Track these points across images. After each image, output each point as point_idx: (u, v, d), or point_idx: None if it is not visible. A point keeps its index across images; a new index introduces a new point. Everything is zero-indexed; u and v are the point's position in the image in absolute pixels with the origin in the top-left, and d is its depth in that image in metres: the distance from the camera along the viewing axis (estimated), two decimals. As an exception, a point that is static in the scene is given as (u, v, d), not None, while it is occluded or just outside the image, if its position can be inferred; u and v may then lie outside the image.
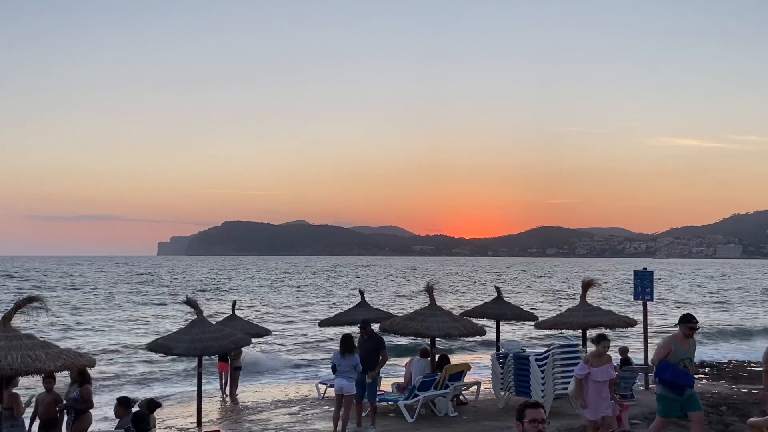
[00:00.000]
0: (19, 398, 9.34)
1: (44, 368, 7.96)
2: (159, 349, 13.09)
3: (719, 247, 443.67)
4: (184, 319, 27.87)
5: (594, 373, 9.42)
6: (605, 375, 9.51)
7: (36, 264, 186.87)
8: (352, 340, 11.25)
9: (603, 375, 9.47)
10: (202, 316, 13.35)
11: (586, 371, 9.44)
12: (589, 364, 9.50)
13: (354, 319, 16.07)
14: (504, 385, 13.40)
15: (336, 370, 11.16)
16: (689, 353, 9.01)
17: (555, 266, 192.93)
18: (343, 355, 11.02)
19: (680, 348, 8.92)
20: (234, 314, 16.99)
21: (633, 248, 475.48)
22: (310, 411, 13.97)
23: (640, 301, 15.64)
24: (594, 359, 9.53)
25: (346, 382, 11.00)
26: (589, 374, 9.44)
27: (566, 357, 12.53)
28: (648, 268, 15.90)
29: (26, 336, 8.29)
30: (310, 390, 16.99)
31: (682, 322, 9.02)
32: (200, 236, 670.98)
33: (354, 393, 11.18)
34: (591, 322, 14.30)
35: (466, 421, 12.32)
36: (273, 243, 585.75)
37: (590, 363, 9.51)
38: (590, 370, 9.43)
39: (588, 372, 9.44)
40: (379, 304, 32.56)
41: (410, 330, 13.38)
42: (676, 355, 8.88)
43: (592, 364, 9.49)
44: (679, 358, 8.88)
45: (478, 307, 17.33)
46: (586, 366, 9.49)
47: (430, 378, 12.80)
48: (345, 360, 11.01)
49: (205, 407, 13.94)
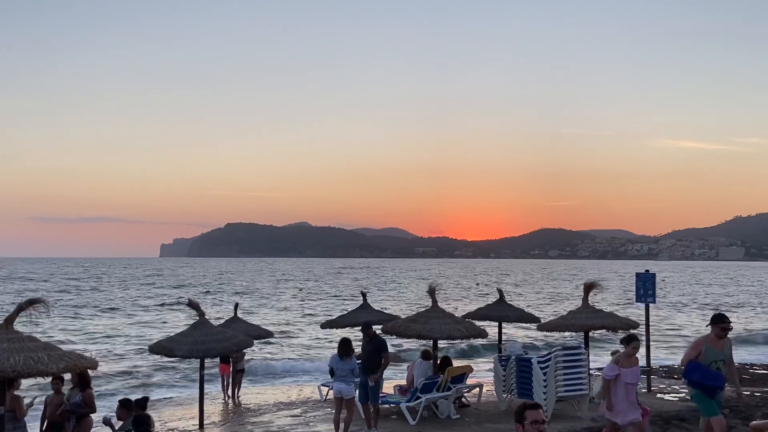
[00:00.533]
0: (21, 400, 9.34)
1: (47, 370, 7.93)
2: (161, 351, 13.10)
3: (722, 250, 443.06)
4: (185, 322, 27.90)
5: (624, 375, 9.00)
6: (635, 377, 9.15)
7: (42, 266, 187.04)
8: (350, 343, 11.24)
9: (633, 377, 9.10)
10: (204, 318, 13.36)
11: (615, 372, 8.99)
12: (620, 365, 9.04)
13: (356, 321, 16.06)
14: (506, 387, 13.39)
15: (333, 373, 11.12)
16: (722, 354, 8.69)
17: (557, 268, 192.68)
18: (342, 358, 11.01)
19: (712, 349, 8.64)
20: (236, 316, 17.00)
21: (635, 250, 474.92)
22: (312, 413, 13.97)
23: (642, 303, 15.63)
24: (624, 360, 9.08)
25: (345, 386, 11.00)
26: (619, 376, 8.99)
27: (569, 359, 12.52)
28: (650, 270, 15.89)
29: (29, 338, 8.28)
30: (312, 392, 17.00)
31: (714, 322, 8.69)
32: (203, 238, 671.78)
33: (353, 396, 11.17)
34: (593, 324, 14.28)
35: (468, 424, 12.31)
36: (275, 245, 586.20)
37: (620, 364, 9.05)
38: (620, 372, 8.99)
39: (618, 373, 8.99)
40: (381, 306, 32.57)
41: (412, 332, 13.36)
42: (708, 356, 8.62)
43: (622, 365, 9.03)
44: (711, 360, 8.61)
45: (480, 309, 17.31)
46: (616, 367, 9.02)
47: (433, 380, 12.79)
48: (343, 363, 11.00)
49: (207, 409, 13.95)
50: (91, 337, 32.45)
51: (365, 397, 11.32)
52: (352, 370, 11.07)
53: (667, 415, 12.74)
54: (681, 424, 12.11)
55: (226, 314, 23.31)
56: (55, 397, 10.07)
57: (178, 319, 39.61)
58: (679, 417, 12.62)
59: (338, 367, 11.02)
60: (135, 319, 42.02)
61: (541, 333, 22.58)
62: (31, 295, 9.05)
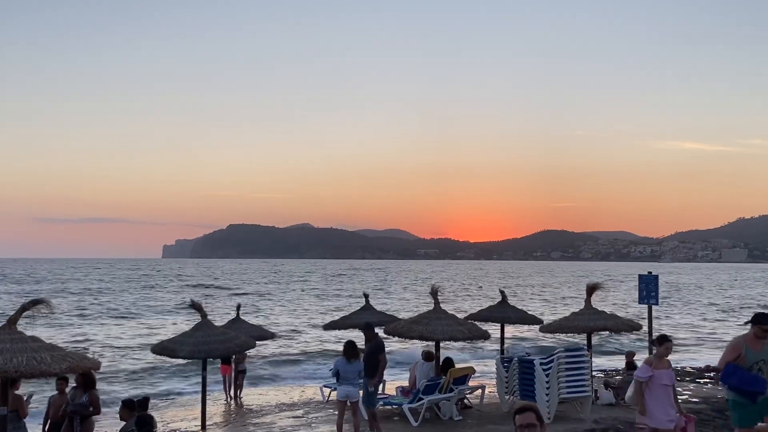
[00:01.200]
0: (23, 400, 9.34)
1: (50, 371, 7.94)
2: (163, 352, 13.12)
3: (725, 251, 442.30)
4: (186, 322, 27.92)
5: (659, 376, 8.54)
6: (671, 378, 8.67)
7: (50, 266, 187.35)
8: (356, 345, 11.20)
9: (669, 378, 8.63)
10: (207, 319, 13.37)
11: (649, 374, 8.53)
12: (653, 366, 8.58)
13: (358, 323, 16.07)
14: (509, 388, 13.37)
15: (339, 376, 10.95)
16: (763, 355, 8.02)
17: (560, 270, 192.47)
18: (349, 360, 10.89)
19: (752, 351, 8.00)
20: (238, 317, 17.02)
21: (638, 252, 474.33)
22: (314, 414, 13.97)
23: (645, 304, 15.62)
24: (657, 361, 8.64)
25: (353, 389, 10.89)
26: (653, 377, 8.53)
27: (571, 361, 12.50)
28: (653, 272, 15.88)
29: (32, 338, 8.29)
30: (314, 393, 17.00)
31: (755, 322, 7.98)
32: (205, 239, 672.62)
33: (358, 399, 11.10)
34: (596, 326, 14.27)
35: (470, 425, 12.30)
36: (277, 246, 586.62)
37: (653, 365, 8.59)
38: (654, 373, 8.52)
39: (651, 375, 8.52)
40: (383, 308, 32.53)
41: (414, 333, 13.36)
42: (748, 358, 7.97)
43: (655, 366, 8.57)
44: (752, 362, 7.97)
45: (482, 311, 17.30)
46: (650, 368, 8.56)
47: (435, 381, 12.79)
48: (350, 365, 10.88)
49: (209, 410, 13.96)
50: (94, 336, 32.48)
51: (368, 401, 11.29)
52: (359, 372, 10.99)
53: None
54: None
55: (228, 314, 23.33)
56: (59, 397, 10.07)
57: (179, 318, 39.62)
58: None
59: (345, 369, 10.85)
60: (139, 319, 42.05)
61: (542, 334, 22.55)
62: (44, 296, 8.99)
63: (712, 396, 15.34)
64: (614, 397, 14.13)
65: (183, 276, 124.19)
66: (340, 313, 34.38)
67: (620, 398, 14.11)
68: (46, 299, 8.64)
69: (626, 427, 11.82)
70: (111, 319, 42.30)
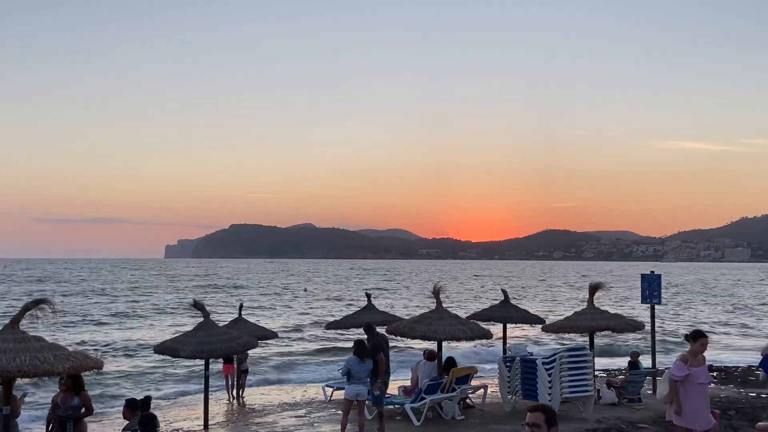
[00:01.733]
0: (17, 399, 9.30)
1: (53, 370, 7.94)
2: (166, 352, 13.14)
3: (727, 251, 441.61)
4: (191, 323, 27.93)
5: (695, 374, 8.13)
6: (707, 377, 8.28)
7: (52, 267, 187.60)
8: (365, 344, 11.20)
9: (705, 376, 8.24)
10: (209, 318, 13.38)
11: (685, 372, 8.11)
12: (688, 364, 8.17)
13: (361, 322, 16.07)
14: (511, 388, 13.37)
15: (351, 375, 10.91)
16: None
17: (562, 270, 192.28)
18: (361, 360, 10.86)
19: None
20: (241, 317, 17.04)
21: (640, 252, 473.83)
22: (316, 414, 13.98)
23: (648, 304, 15.61)
24: (692, 359, 8.22)
25: (363, 388, 10.88)
26: (689, 376, 8.13)
27: (574, 360, 12.50)
28: (655, 271, 15.87)
29: (35, 338, 8.29)
30: (316, 393, 17.00)
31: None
32: (207, 239, 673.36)
33: (365, 398, 11.11)
34: (598, 326, 14.26)
35: (473, 425, 12.30)
36: (279, 246, 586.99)
37: (689, 363, 8.18)
38: (690, 371, 8.13)
39: (687, 373, 8.12)
40: (385, 307, 32.51)
41: (417, 333, 13.36)
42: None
43: (691, 364, 8.17)
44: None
45: (484, 311, 17.29)
46: (685, 366, 8.14)
47: (437, 381, 12.79)
48: (363, 365, 10.86)
49: (211, 409, 13.96)
50: (97, 336, 32.52)
51: (377, 399, 11.30)
52: (370, 371, 10.99)
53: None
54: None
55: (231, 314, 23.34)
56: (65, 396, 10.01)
57: (182, 317, 39.62)
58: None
59: (357, 368, 10.82)
60: (143, 319, 42.10)
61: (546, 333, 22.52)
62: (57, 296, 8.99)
63: (715, 396, 15.33)
64: (617, 396, 14.12)
65: (199, 276, 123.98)
66: (342, 312, 34.41)
67: (623, 398, 14.12)
68: (48, 299, 8.64)
69: (628, 427, 11.82)
70: (114, 318, 42.33)
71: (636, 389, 14.31)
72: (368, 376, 10.95)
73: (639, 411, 13.30)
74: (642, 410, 13.37)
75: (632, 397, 14.17)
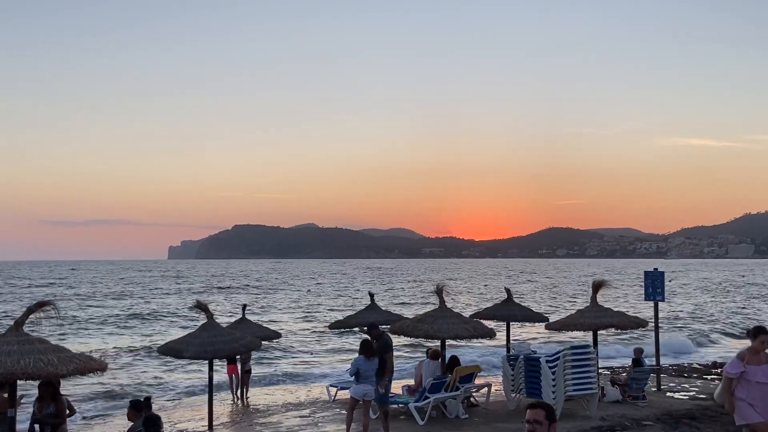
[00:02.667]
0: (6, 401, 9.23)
1: (57, 372, 7.97)
2: (170, 353, 13.15)
3: (731, 247, 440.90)
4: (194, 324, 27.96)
5: (752, 372, 7.81)
6: (766, 374, 7.86)
7: (56, 269, 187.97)
8: (372, 344, 11.20)
9: (764, 375, 7.84)
10: (213, 319, 13.40)
11: (740, 369, 7.84)
12: (745, 361, 7.87)
13: (364, 322, 16.07)
14: (515, 386, 13.37)
15: (359, 375, 10.90)
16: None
17: (565, 267, 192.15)
18: (369, 359, 10.86)
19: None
20: (244, 317, 17.04)
21: (644, 249, 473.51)
22: (320, 414, 13.99)
23: (651, 301, 15.59)
24: (751, 356, 7.88)
25: (371, 387, 10.88)
26: (745, 373, 7.84)
27: (577, 358, 12.49)
28: (659, 268, 15.84)
29: (38, 340, 8.32)
30: (320, 393, 17.02)
31: None
32: (210, 240, 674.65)
33: (372, 398, 11.11)
34: (602, 323, 14.24)
35: (477, 423, 12.29)
36: (282, 246, 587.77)
37: (746, 360, 7.88)
38: (746, 369, 7.84)
39: (743, 370, 7.84)
40: (389, 307, 32.55)
41: (420, 332, 13.36)
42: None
43: (748, 361, 7.86)
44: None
45: (488, 309, 17.28)
46: (741, 363, 7.85)
47: (441, 380, 12.79)
48: (370, 364, 10.85)
49: (216, 410, 13.99)
50: (102, 338, 32.60)
51: (382, 399, 11.30)
52: (377, 370, 10.97)
53: (677, 414, 12.70)
54: (691, 423, 12.07)
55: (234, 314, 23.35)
56: None
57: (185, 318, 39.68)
58: (689, 416, 12.58)
59: (365, 368, 10.80)
60: (147, 320, 42.17)
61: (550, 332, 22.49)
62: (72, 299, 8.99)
63: (720, 392, 15.30)
64: (621, 394, 14.10)
65: (216, 277, 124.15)
66: (345, 312, 34.42)
67: (627, 395, 14.10)
68: (52, 301, 8.67)
69: (633, 425, 11.81)
70: (121, 320, 42.41)
71: (640, 386, 14.28)
72: (374, 376, 10.94)
73: (643, 408, 13.28)
74: (646, 407, 13.35)
75: (636, 394, 14.14)
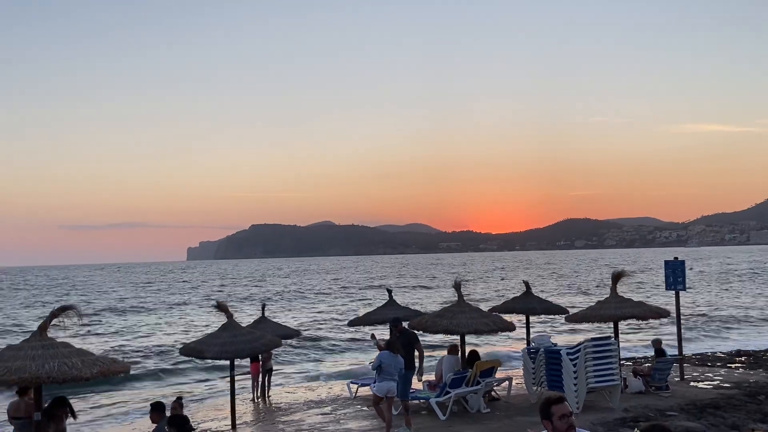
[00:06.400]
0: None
1: (81, 376, 8.08)
2: (191, 353, 13.24)
3: (753, 234, 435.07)
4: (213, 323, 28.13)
5: None
6: None
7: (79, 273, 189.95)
8: (397, 341, 11.23)
9: None
10: (233, 319, 13.48)
11: None
12: None
13: (383, 318, 16.08)
14: (536, 379, 13.33)
15: (381, 370, 10.88)
16: None
17: (584, 258, 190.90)
18: (395, 354, 10.88)
19: None
20: (264, 316, 17.13)
21: (663, 237, 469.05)
22: (342, 411, 14.03)
23: (672, 290, 15.45)
24: None
25: (394, 384, 10.90)
26: None
27: (599, 350, 12.41)
28: (680, 257, 15.69)
29: (62, 344, 8.43)
30: (341, 390, 17.07)
31: None
32: (228, 240, 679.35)
33: (395, 394, 11.14)
34: (622, 314, 14.13)
35: (498, 417, 12.27)
36: (300, 244, 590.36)
37: None
38: None
39: None
40: (407, 302, 32.54)
41: (439, 327, 13.35)
42: None
43: None
44: None
45: (506, 303, 17.22)
46: None
47: (461, 375, 12.77)
48: (394, 360, 10.84)
49: (238, 409, 14.08)
50: (125, 341, 32.94)
51: (404, 394, 11.32)
52: (401, 367, 10.97)
53: (701, 404, 12.59)
54: (716, 412, 11.95)
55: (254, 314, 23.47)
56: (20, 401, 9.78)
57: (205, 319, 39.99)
58: (713, 405, 12.46)
59: (389, 362, 10.76)
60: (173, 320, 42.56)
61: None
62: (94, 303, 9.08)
63: (744, 381, 15.14)
64: (644, 385, 14.00)
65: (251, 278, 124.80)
66: (364, 309, 34.46)
67: (650, 386, 14.00)
68: (75, 305, 8.77)
69: (657, 415, 11.72)
70: (143, 317, 42.82)
71: (663, 377, 14.17)
72: (398, 372, 10.94)
73: (667, 399, 13.18)
74: (670, 398, 13.25)
75: (659, 384, 14.03)
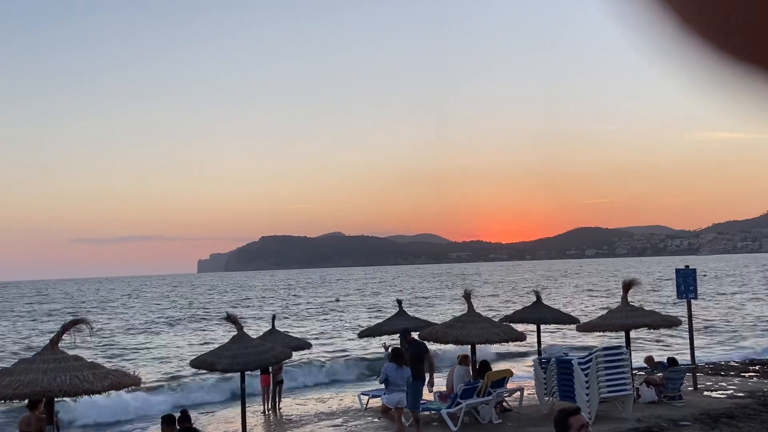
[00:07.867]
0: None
1: (92, 389, 8.13)
2: (202, 366, 13.26)
3: (765, 241, 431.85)
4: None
5: None
6: None
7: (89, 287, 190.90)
8: (404, 352, 11.25)
9: None
10: (243, 331, 13.49)
11: None
12: None
13: (393, 329, 16.07)
14: (547, 390, 13.25)
15: (388, 382, 10.95)
16: None
17: (595, 267, 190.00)
18: (401, 367, 10.92)
19: None
20: (274, 328, 17.14)
21: (675, 246, 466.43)
22: (353, 422, 14.00)
23: (684, 299, 15.36)
24: None
25: (403, 395, 10.94)
26: None
27: (610, 360, 12.34)
28: (691, 265, 15.61)
29: (74, 357, 8.49)
30: (352, 401, 17.03)
31: None
32: (239, 252, 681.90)
33: (405, 405, 11.16)
34: (634, 323, 14.06)
35: (510, 428, 12.21)
36: (310, 256, 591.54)
37: None
38: None
39: None
40: (417, 313, 32.41)
41: (450, 338, 13.33)
42: None
43: None
44: None
45: (517, 312, 17.17)
46: None
47: (472, 385, 12.72)
48: (401, 372, 10.89)
49: (249, 422, 14.07)
50: (138, 354, 33.02)
51: (414, 405, 11.31)
52: (408, 378, 11.03)
53: (715, 413, 12.48)
54: (730, 422, 11.84)
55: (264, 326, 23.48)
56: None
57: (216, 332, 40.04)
58: (727, 414, 12.35)
59: (395, 375, 10.84)
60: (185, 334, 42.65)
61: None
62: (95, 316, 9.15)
63: (758, 390, 14.99)
64: (656, 394, 13.89)
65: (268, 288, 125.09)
66: (375, 320, 34.38)
67: (663, 396, 13.88)
68: (86, 319, 8.83)
69: (670, 425, 11.62)
70: (157, 332, 42.94)
71: (676, 386, 14.05)
72: (404, 384, 10.96)
73: (680, 408, 13.07)
74: (683, 407, 13.13)
75: (672, 394, 13.92)
